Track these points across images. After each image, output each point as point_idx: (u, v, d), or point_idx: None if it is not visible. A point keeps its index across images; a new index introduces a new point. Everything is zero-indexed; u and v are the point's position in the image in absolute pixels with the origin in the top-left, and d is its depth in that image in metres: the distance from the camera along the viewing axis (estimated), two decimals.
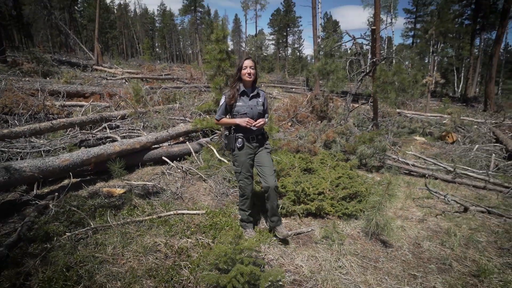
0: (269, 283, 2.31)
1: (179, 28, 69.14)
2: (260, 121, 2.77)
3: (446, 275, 2.63)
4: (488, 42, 34.44)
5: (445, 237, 3.28)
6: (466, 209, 4.00)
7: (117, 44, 58.01)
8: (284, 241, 2.97)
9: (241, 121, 2.75)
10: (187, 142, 5.53)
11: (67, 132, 5.55)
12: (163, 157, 4.94)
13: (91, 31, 49.89)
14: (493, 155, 6.67)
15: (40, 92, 7.52)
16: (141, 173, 4.60)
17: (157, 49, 67.32)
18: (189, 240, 2.85)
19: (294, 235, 3.14)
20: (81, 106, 7.84)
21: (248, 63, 2.77)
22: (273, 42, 58.86)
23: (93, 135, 5.22)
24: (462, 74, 33.32)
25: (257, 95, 2.90)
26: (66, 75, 11.04)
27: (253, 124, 2.74)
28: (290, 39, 57.55)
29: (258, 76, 2.94)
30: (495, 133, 9.12)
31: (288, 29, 55.42)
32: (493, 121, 11.60)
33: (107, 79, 13.87)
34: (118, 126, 6.14)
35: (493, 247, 3.14)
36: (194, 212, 3.40)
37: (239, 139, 2.83)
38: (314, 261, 2.72)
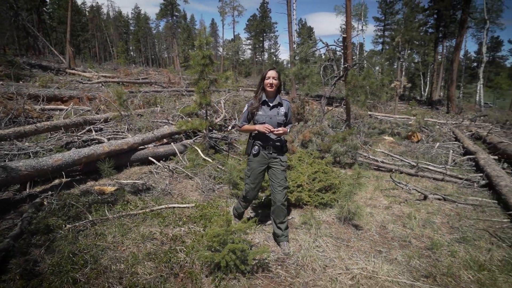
0: (257, 260, 2.65)
1: (154, 31, 68.30)
2: (279, 129, 2.75)
3: (406, 249, 3.09)
4: (450, 49, 36.99)
5: (407, 220, 3.77)
6: (425, 197, 4.55)
7: (89, 47, 56.26)
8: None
9: (260, 127, 2.76)
10: (172, 143, 5.76)
11: (51, 135, 5.60)
12: (150, 158, 5.15)
13: (61, 33, 48.11)
14: (451, 151, 7.42)
15: (17, 95, 7.43)
16: (129, 173, 4.79)
17: (132, 53, 66.09)
18: (182, 228, 3.13)
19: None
20: (61, 109, 7.83)
21: (271, 73, 2.80)
22: (250, 47, 59.67)
23: (79, 137, 5.33)
24: (428, 78, 35.58)
25: (279, 105, 2.90)
26: (41, 78, 10.84)
27: (271, 131, 2.72)
28: (266, 44, 58.62)
29: (281, 86, 2.96)
30: (454, 133, 10.05)
31: (265, 34, 56.44)
32: (454, 122, 12.69)
33: (82, 83, 13.70)
34: (101, 129, 6.24)
35: (445, 227, 3.67)
36: (184, 205, 3.67)
37: (256, 146, 2.88)
38: (295, 243, 3.09)
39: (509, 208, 3.99)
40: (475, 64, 42.03)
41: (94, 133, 5.68)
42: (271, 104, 2.87)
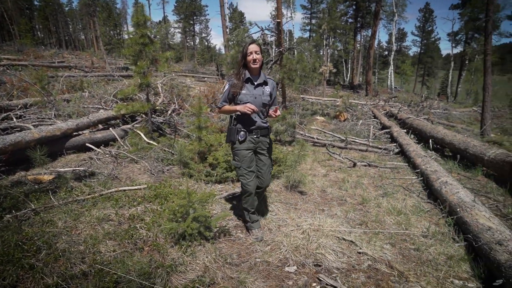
0: (218, 228, 2.83)
1: (67, 9, 59.87)
2: (278, 112, 2.60)
3: (343, 206, 3.62)
4: (366, 38, 41.00)
5: (342, 183, 4.36)
6: (354, 165, 5.27)
7: None
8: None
9: (241, 107, 2.49)
10: (110, 128, 5.43)
11: None
12: (87, 144, 4.80)
13: None
14: (372, 127, 8.55)
15: None
16: (66, 161, 4.41)
17: (39, 33, 57.04)
18: (138, 208, 3.12)
19: (230, 195, 3.70)
20: None
21: (253, 47, 2.50)
22: (180, 30, 56.88)
23: None
24: (349, 65, 39.13)
25: (264, 84, 2.65)
26: None
27: (254, 111, 2.49)
28: (197, 28, 56.61)
29: (264, 62, 2.67)
30: (373, 112, 11.52)
31: (195, 17, 54.36)
32: (372, 103, 14.48)
33: None
34: (21, 116, 5.52)
35: (371, 186, 4.35)
36: (136, 187, 3.60)
37: (242, 132, 2.60)
38: None
39: (416, 167, 4.90)
40: (386, 52, 47.54)
41: (15, 120, 4.99)
42: (255, 83, 2.61)
